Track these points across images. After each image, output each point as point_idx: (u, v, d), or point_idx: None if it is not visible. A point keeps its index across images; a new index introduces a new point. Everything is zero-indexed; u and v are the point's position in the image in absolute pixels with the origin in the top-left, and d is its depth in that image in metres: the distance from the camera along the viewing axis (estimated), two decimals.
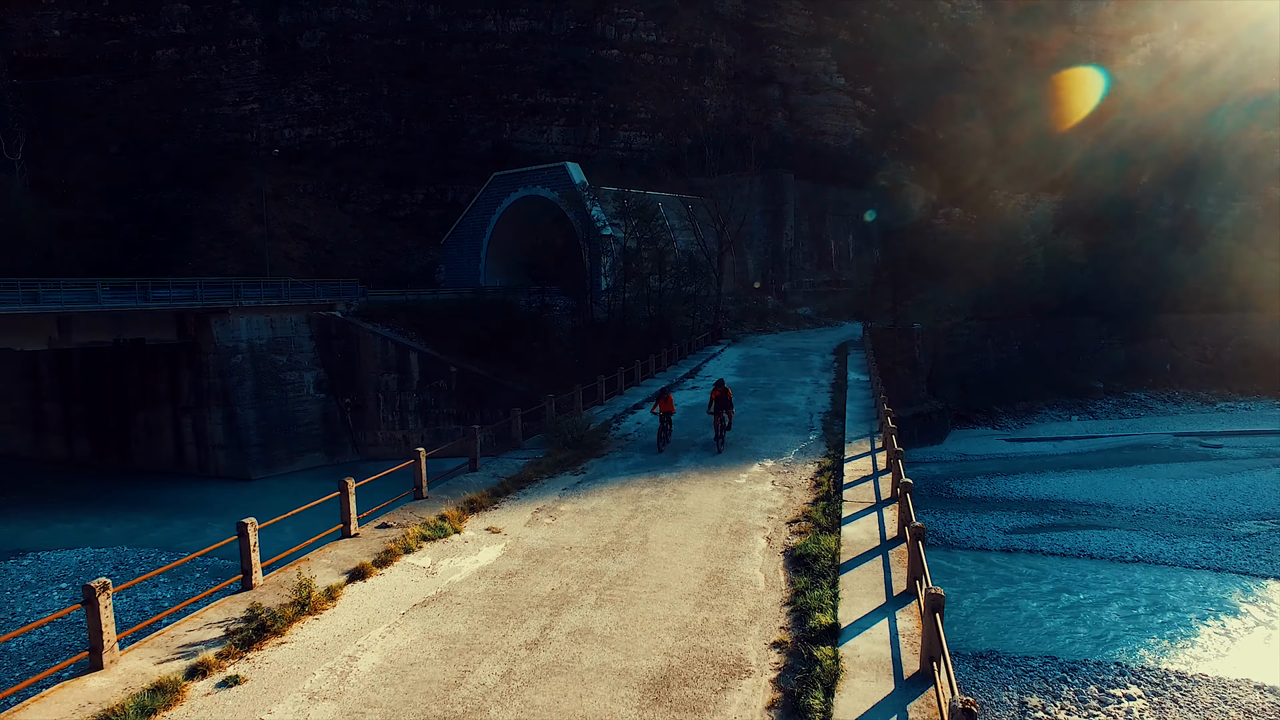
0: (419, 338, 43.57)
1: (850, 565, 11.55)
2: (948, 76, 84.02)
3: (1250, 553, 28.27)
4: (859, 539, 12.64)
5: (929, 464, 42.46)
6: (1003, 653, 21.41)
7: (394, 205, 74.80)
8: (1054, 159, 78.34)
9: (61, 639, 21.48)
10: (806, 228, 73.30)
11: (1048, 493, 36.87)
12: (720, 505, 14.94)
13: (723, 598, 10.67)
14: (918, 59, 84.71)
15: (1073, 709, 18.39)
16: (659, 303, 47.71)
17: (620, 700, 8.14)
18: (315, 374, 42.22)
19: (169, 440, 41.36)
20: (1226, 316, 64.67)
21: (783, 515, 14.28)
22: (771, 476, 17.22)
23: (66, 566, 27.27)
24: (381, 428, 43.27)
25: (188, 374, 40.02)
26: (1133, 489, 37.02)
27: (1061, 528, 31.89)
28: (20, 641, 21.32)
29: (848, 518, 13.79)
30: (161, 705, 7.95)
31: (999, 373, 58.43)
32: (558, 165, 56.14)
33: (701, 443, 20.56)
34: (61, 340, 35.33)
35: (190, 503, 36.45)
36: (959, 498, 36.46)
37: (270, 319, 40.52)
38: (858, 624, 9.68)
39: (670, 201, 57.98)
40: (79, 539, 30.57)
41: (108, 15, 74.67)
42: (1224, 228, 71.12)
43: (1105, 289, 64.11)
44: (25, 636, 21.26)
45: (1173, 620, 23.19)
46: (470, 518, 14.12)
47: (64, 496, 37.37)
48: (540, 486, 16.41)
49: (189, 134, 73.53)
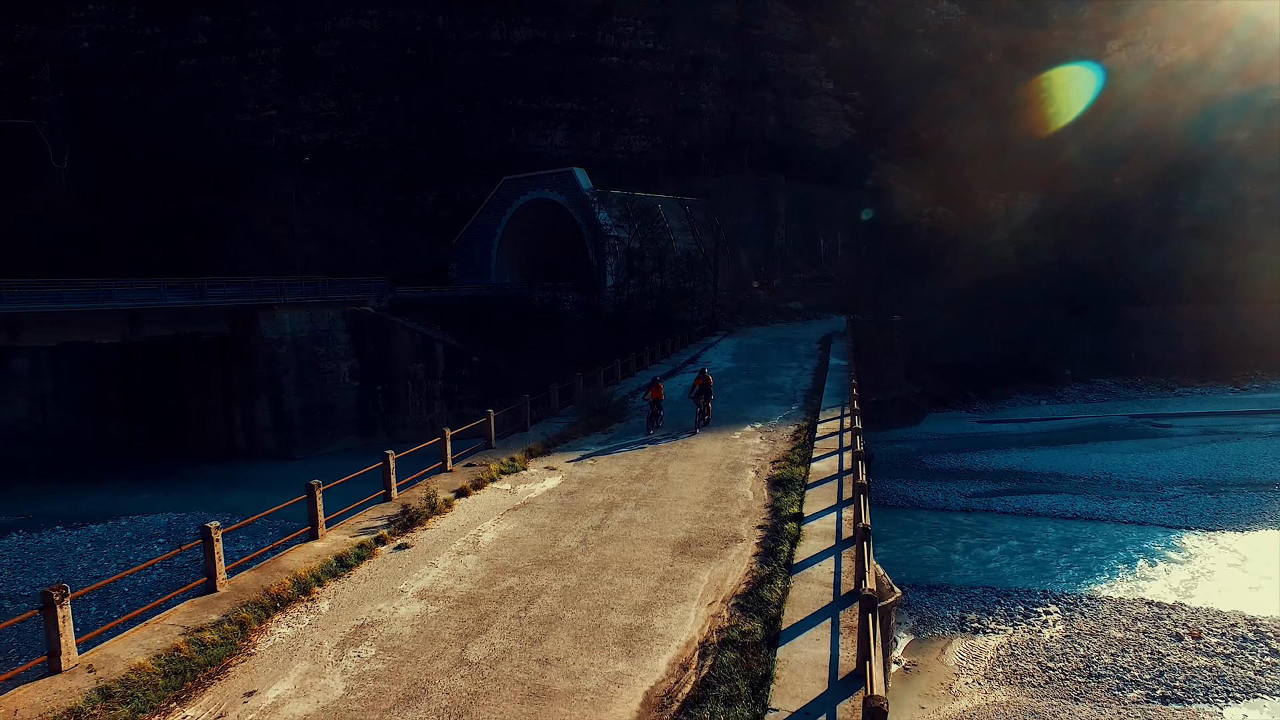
0: (443, 330, 48.05)
1: (813, 485, 16.15)
2: (933, 80, 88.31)
3: (1171, 510, 33.02)
4: (822, 470, 17.24)
5: (905, 442, 47.14)
6: (951, 584, 26.04)
7: (406, 206, 78.81)
8: (1033, 159, 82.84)
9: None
10: (797, 226, 77.82)
11: (1007, 465, 41.62)
12: (720, 452, 19.56)
13: (723, 504, 15.26)
14: (904, 63, 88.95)
15: (1001, 620, 23.04)
16: (660, 298, 52.24)
17: (659, 554, 12.70)
18: (350, 364, 46.68)
19: (219, 425, 45.80)
20: (1186, 308, 69.51)
21: (768, 457, 18.89)
22: (760, 434, 21.83)
23: (158, 526, 31.78)
24: (410, 412, 47.75)
25: (237, 364, 44.44)
26: (1083, 461, 41.79)
27: (1015, 492, 36.59)
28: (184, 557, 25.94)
29: (815, 458, 18.40)
30: (367, 555, 12.51)
31: (975, 361, 63.07)
32: (565, 170, 60.52)
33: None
34: (132, 334, 39.71)
35: (244, 478, 40.86)
36: (928, 469, 41.17)
37: (310, 314, 44.96)
38: (814, 515, 14.27)
39: (670, 204, 62.46)
40: (160, 507, 35.03)
41: (134, 28, 78.58)
42: (1184, 225, 75.85)
43: (1075, 284, 68.93)
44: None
45: (1094, 560, 27.88)
46: (531, 461, 18.72)
47: (133, 474, 41.77)
48: (579, 441, 21.01)
49: (212, 139, 77.42)
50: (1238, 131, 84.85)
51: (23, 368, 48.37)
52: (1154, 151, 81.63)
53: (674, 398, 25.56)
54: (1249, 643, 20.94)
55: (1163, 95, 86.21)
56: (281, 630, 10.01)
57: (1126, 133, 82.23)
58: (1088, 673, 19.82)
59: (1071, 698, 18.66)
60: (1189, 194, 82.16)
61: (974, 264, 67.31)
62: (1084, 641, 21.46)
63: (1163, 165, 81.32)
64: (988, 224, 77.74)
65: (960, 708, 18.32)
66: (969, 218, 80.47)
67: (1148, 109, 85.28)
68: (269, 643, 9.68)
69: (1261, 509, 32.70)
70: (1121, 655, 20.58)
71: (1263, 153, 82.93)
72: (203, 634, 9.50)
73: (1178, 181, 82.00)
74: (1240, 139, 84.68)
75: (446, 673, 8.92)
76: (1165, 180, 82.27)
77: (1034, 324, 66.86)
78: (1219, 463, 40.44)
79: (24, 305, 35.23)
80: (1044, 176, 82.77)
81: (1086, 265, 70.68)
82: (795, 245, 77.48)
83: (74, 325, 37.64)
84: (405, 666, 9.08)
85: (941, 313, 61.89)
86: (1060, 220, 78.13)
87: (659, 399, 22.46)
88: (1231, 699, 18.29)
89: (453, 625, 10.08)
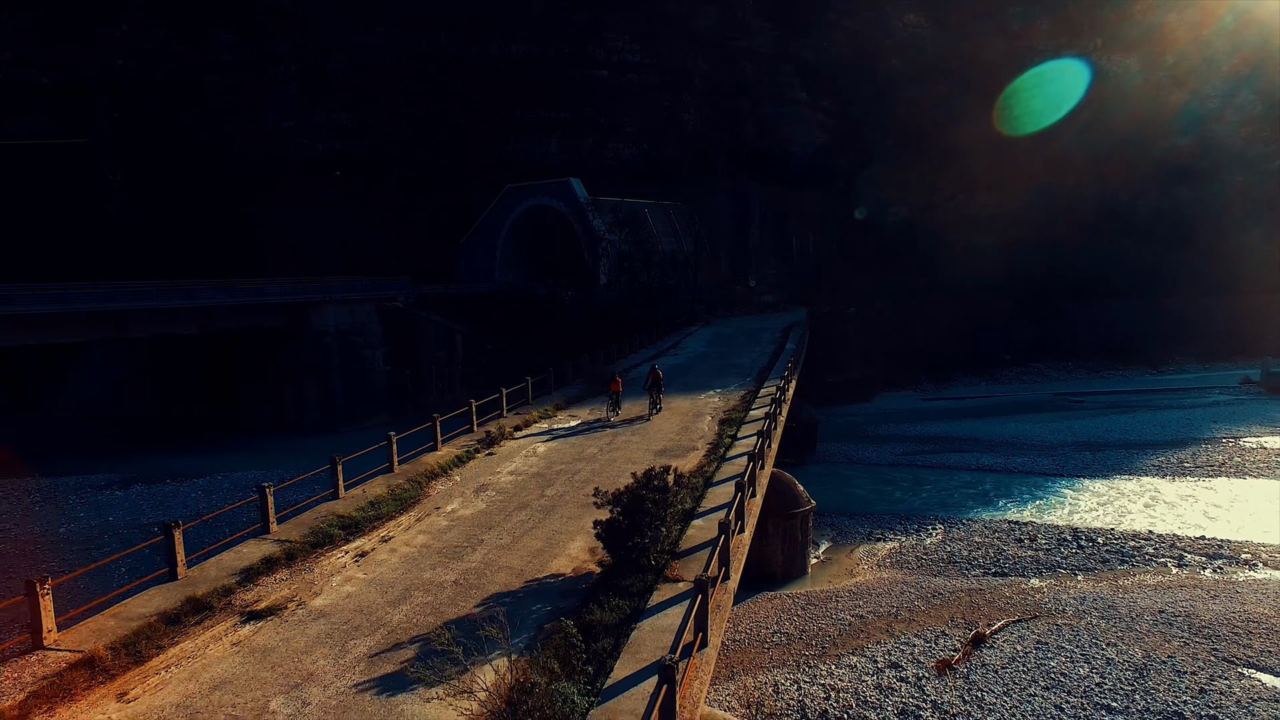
0: (461, 322, 56.02)
1: (748, 423, 24.43)
2: (899, 89, 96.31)
3: (1054, 463, 41.63)
4: (756, 416, 25.55)
5: (855, 415, 55.64)
6: (868, 512, 34.46)
7: (413, 209, 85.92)
8: (986, 165, 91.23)
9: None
10: (771, 226, 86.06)
11: (936, 432, 50.19)
12: (689, 406, 27.93)
13: (688, 433, 23.56)
14: (872, 73, 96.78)
15: (898, 533, 31.45)
16: (647, 293, 60.41)
17: (647, 456, 20.97)
18: (383, 351, 54.58)
19: (271, 404, 53.61)
20: (1116, 302, 78.39)
21: (721, 409, 27.22)
22: (719, 396, 30.18)
23: (247, 480, 39.76)
24: (434, 393, 55.68)
25: (288, 352, 52.21)
26: (998, 429, 50.44)
27: (937, 451, 45.14)
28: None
29: (753, 409, 26.69)
30: (470, 458, 20.71)
31: (925, 347, 71.69)
32: (562, 180, 68.43)
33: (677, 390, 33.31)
34: (208, 327, 47.43)
35: (300, 448, 48.71)
36: (870, 435, 49.66)
37: (350, 309, 52.84)
38: (744, 437, 22.55)
39: (655, 209, 70.51)
40: (241, 466, 42.97)
41: (164, 46, 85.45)
42: (1118, 227, 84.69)
43: (1018, 278, 77.60)
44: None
45: (982, 497, 36.39)
46: (559, 412, 27.01)
47: (201, 446, 49.62)
48: (588, 402, 29.28)
49: (236, 149, 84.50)
50: (1177, 138, 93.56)
51: (99, 357, 56.02)
52: (1093, 158, 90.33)
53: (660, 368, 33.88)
54: (1066, 542, 29.52)
55: (1106, 100, 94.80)
56: (439, 487, 18.19)
57: (1070, 140, 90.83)
58: (949, 561, 28.30)
59: (933, 574, 27.12)
60: (1130, 196, 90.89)
61: (928, 260, 75.91)
62: (952, 545, 29.95)
63: (1102, 170, 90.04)
64: (942, 224, 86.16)
65: (856, 581, 26.73)
66: (926, 218, 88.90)
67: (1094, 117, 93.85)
68: (435, 491, 17.87)
69: (1123, 462, 41.37)
70: (975, 551, 29.09)
71: (1203, 158, 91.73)
72: (401, 486, 17.65)
73: (1118, 185, 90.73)
74: (1181, 145, 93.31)
75: (536, 500, 17.14)
76: (1106, 183, 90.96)
77: (979, 315, 75.51)
78: (1107, 429, 49.16)
79: (129, 304, 42.92)
80: (994, 180, 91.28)
81: (1030, 262, 79.36)
82: (769, 244, 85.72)
83: (164, 320, 45.31)
84: (513, 497, 17.28)
85: (897, 304, 70.38)
86: (1007, 220, 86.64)
87: (617, 392, 26.54)
88: (1037, 574, 26.78)
89: (533, 483, 18.31)
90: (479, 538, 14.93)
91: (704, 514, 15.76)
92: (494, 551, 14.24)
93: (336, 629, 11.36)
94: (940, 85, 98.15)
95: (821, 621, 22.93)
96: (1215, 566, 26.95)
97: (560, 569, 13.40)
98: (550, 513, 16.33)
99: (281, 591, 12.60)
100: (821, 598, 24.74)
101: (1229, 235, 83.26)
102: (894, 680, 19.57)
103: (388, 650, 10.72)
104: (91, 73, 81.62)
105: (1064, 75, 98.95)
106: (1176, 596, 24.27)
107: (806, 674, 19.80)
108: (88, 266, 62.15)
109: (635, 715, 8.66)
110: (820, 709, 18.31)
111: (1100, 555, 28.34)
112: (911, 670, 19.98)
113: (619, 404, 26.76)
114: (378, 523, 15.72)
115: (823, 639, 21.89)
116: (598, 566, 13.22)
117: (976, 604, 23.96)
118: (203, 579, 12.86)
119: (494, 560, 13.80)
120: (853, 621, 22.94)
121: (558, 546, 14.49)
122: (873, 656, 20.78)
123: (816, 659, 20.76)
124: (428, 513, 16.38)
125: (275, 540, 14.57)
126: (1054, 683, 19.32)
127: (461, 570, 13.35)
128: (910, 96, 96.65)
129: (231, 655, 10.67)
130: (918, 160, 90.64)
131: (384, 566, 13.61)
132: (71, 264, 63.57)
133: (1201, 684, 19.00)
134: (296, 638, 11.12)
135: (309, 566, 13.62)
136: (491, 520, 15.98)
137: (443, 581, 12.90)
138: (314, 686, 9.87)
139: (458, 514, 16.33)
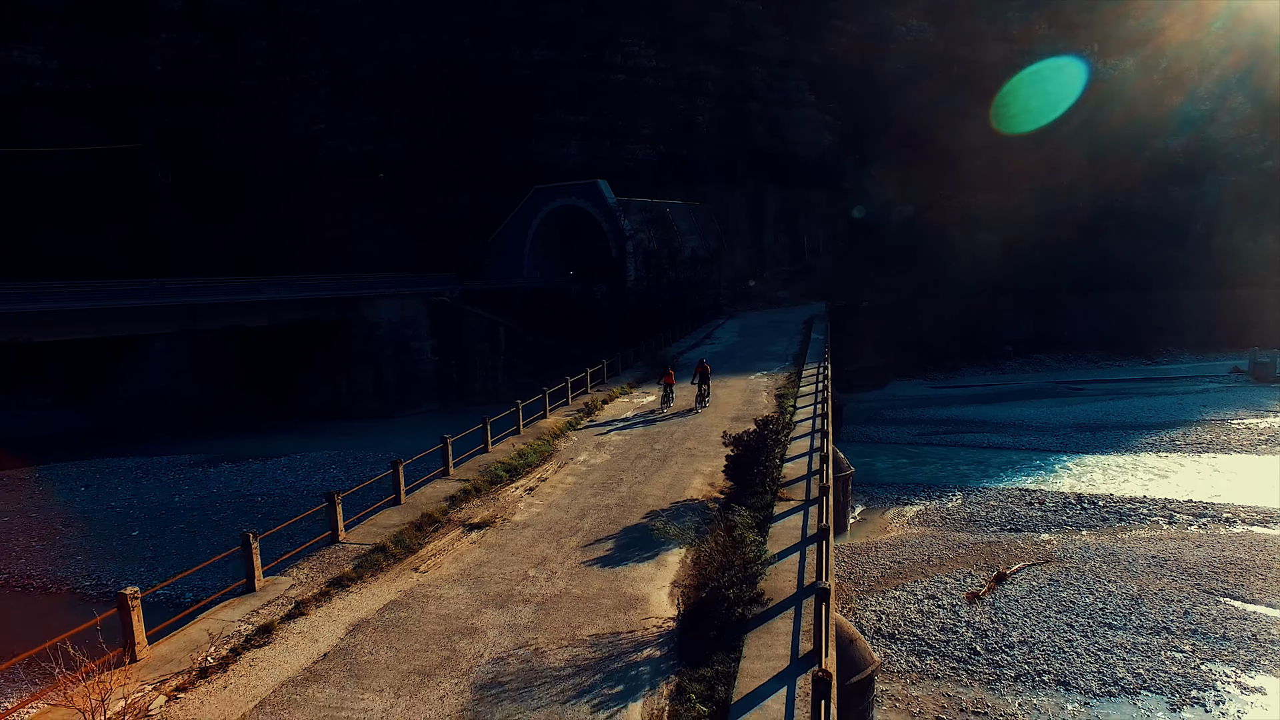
0: (503, 316, 59.83)
1: (801, 397, 28.39)
2: (901, 90, 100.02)
3: (1057, 441, 45.71)
4: (805, 391, 29.52)
5: (871, 401, 59.62)
6: (894, 482, 38.45)
7: (439, 209, 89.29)
8: (987, 164, 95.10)
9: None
10: (784, 225, 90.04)
11: (947, 416, 54.23)
12: (744, 384, 31.92)
13: (752, 405, 27.53)
14: (877, 76, 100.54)
15: (922, 498, 35.45)
16: (675, 289, 64.31)
17: (724, 422, 24.86)
18: (431, 343, 58.38)
19: (327, 392, 57.38)
20: (1112, 295, 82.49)
21: (772, 387, 31.18)
22: (766, 377, 34.19)
23: (323, 459, 43.61)
24: (478, 382, 59.53)
25: (342, 343, 55.98)
26: (1005, 413, 54.52)
27: (949, 432, 49.16)
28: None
29: (802, 387, 30.65)
30: (577, 425, 24.65)
31: (933, 339, 75.71)
32: (591, 182, 72.16)
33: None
34: (274, 319, 51.18)
35: (359, 431, 52.60)
36: (887, 419, 53.68)
37: (401, 303, 56.64)
38: (803, 407, 26.49)
39: (679, 208, 74.37)
40: (313, 447, 46.75)
41: (199, 53, 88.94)
42: (1113, 224, 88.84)
43: (1020, 274, 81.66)
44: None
45: (995, 470, 40.42)
46: (634, 389, 30.93)
47: (266, 429, 53.37)
48: (651, 384, 33.17)
49: (270, 152, 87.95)
50: (1171, 138, 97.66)
51: (162, 347, 59.73)
52: (1090, 157, 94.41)
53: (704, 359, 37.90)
54: (1071, 506, 33.58)
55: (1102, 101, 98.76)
56: (563, 444, 22.13)
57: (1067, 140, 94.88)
58: (969, 520, 32.34)
59: (956, 530, 31.15)
60: (1126, 194, 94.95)
61: (932, 257, 79.94)
62: (971, 508, 33.99)
63: (1099, 169, 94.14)
64: (945, 222, 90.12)
65: (890, 535, 30.74)
66: (928, 216, 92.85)
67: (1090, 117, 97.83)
68: (562, 447, 21.81)
69: (1121, 441, 45.46)
70: (992, 512, 33.13)
71: (1196, 158, 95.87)
72: (534, 443, 21.56)
73: (1114, 184, 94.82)
74: (1175, 145, 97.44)
75: (649, 452, 21.10)
76: (1103, 182, 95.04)
77: (982, 309, 79.58)
78: (1105, 412, 53.26)
79: (202, 298, 46.69)
80: (994, 179, 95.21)
81: (1029, 258, 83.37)
82: (782, 242, 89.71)
83: (233, 313, 49.05)
84: (628, 451, 21.23)
85: (906, 299, 74.37)
86: (1007, 218, 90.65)
87: (670, 383, 28.16)
88: (1047, 530, 30.82)
89: (640, 440, 22.27)
90: (618, 478, 18.89)
91: (791, 459, 19.70)
92: (635, 486, 18.19)
93: (543, 533, 15.29)
94: (940, 86, 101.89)
95: (866, 566, 26.96)
96: (1201, 523, 31.02)
97: (693, 495, 17.36)
98: (666, 460, 20.27)
99: (485, 512, 16.51)
100: (863, 549, 28.76)
101: (1220, 232, 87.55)
102: (933, 607, 23.59)
103: (591, 544, 14.67)
104: (132, 80, 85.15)
105: (1061, 73, 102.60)
106: (1167, 546, 28.34)
107: (858, 603, 23.80)
108: (143, 265, 65.88)
109: (793, 567, 12.61)
110: (875, 626, 22.32)
111: (1101, 515, 32.40)
112: (946, 600, 24.01)
113: (671, 395, 28.20)
114: (529, 469, 19.65)
115: (868, 580, 25.91)
116: (720, 494, 17.17)
117: (996, 553, 28.01)
118: (420, 503, 16.76)
119: (638, 491, 17.75)
120: (891, 566, 26.97)
121: (683, 482, 18.45)
122: (912, 591, 24.81)
123: (865, 594, 24.77)
124: (564, 462, 20.30)
125: (456, 480, 18.46)
126: (1065, 608, 23.37)
127: (618, 497, 17.30)
128: (911, 97, 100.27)
129: (476, 548, 14.60)
130: (920, 160, 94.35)
131: (552, 496, 17.55)
132: (127, 262, 67.30)
133: (1185, 608, 23.07)
134: (516, 539, 15.04)
135: (494, 497, 17.55)
136: (621, 466, 19.93)
137: (607, 504, 16.85)
138: (551, 564, 13.80)
139: (590, 462, 20.26)
